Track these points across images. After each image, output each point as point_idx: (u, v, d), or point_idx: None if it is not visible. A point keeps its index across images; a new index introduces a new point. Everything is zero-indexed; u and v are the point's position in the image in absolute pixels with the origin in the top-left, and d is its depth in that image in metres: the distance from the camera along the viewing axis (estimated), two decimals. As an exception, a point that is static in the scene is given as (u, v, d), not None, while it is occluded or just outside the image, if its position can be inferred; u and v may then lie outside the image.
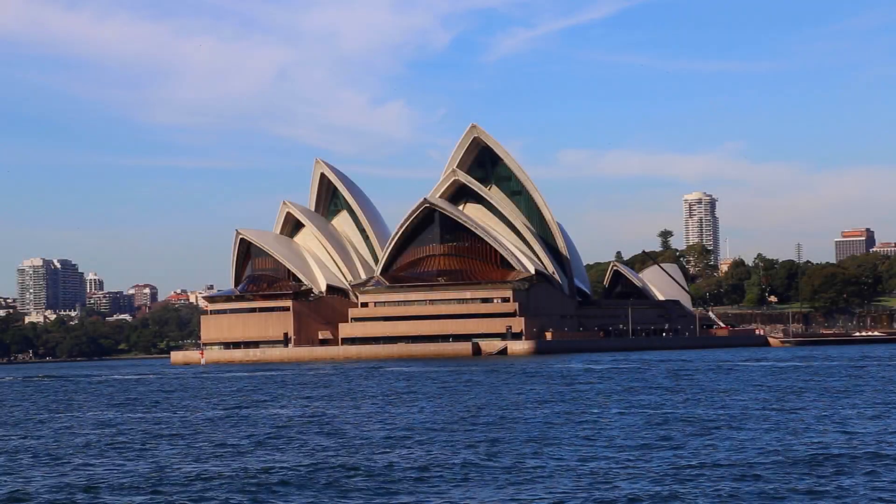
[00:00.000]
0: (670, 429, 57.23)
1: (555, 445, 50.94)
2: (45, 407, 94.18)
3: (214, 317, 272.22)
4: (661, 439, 52.42)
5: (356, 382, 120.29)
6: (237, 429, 64.76)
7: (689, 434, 54.51)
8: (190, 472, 44.73)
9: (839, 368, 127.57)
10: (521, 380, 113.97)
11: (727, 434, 54.15)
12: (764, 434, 53.98)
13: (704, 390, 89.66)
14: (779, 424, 58.66)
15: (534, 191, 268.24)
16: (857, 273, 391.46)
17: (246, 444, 55.57)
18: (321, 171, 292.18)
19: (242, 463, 47.60)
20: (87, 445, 57.26)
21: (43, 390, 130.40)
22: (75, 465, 48.99)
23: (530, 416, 67.47)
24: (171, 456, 51.00)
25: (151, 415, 79.55)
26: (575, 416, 67.02)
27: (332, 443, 54.77)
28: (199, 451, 52.89)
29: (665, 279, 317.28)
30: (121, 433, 64.13)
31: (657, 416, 65.47)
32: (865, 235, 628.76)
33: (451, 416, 69.47)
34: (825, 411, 66.37)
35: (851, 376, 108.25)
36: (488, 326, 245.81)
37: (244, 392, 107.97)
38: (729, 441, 51.15)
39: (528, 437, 54.25)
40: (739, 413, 66.28)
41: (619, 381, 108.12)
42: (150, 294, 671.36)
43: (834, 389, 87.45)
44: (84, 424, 71.90)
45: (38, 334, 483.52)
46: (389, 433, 59.04)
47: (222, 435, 60.96)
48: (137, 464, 48.40)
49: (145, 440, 59.25)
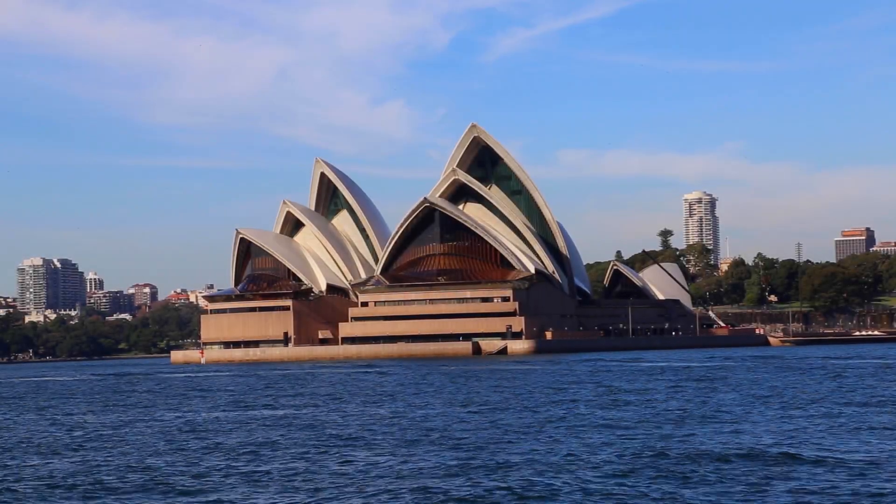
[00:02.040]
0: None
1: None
2: (174, 405, 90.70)
3: (214, 316, 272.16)
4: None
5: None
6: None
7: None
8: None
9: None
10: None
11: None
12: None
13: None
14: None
15: (534, 190, 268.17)
16: (857, 273, 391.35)
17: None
18: (321, 171, 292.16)
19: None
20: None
21: (133, 388, 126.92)
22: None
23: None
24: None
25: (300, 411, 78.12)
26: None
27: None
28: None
29: (665, 279, 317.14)
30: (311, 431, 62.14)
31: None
32: (865, 235, 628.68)
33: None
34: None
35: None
36: (488, 326, 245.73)
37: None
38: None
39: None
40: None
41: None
42: (150, 294, 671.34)
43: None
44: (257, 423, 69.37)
45: (38, 334, 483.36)
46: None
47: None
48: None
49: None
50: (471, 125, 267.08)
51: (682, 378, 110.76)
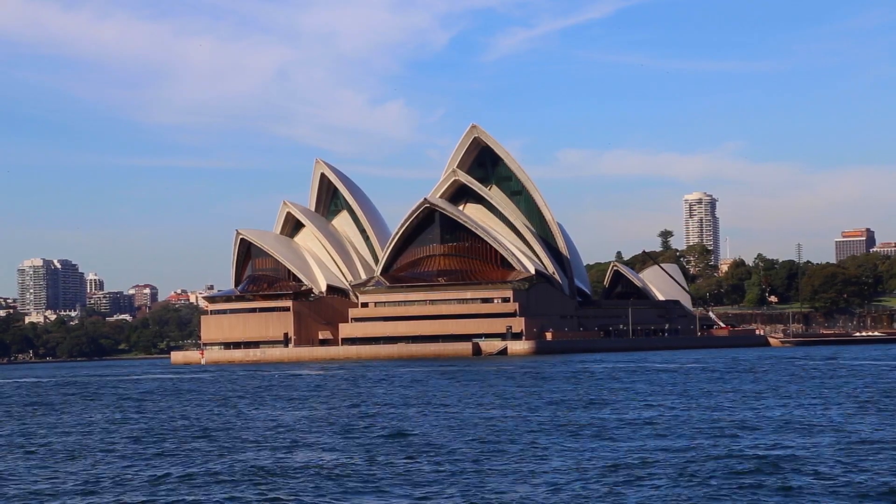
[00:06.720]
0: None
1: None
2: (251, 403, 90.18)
3: (215, 317, 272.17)
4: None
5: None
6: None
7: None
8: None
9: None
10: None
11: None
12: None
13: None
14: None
15: (534, 191, 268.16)
16: (857, 273, 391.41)
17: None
18: (321, 171, 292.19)
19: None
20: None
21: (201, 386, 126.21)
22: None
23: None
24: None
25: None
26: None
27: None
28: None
29: (665, 279, 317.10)
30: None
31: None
32: (865, 235, 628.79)
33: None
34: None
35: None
36: (488, 326, 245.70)
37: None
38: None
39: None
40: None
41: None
42: (150, 294, 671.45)
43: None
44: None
45: (39, 334, 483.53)
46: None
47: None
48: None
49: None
50: (471, 126, 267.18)
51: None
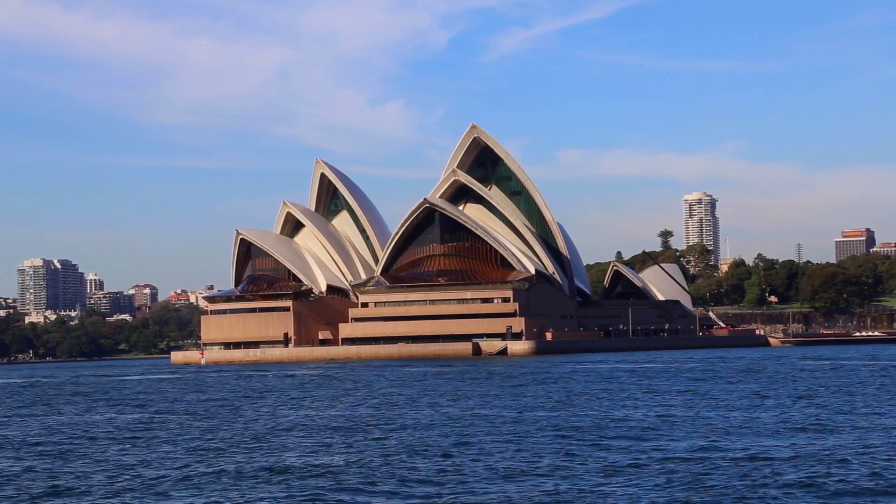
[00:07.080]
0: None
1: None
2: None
3: (215, 317, 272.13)
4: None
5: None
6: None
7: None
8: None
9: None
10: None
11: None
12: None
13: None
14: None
15: (534, 191, 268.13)
16: (857, 273, 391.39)
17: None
18: (321, 171, 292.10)
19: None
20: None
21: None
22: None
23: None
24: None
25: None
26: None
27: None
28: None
29: (665, 279, 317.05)
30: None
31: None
32: (865, 235, 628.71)
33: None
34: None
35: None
36: (488, 326, 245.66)
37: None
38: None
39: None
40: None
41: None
42: (150, 294, 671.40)
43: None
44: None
45: (39, 334, 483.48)
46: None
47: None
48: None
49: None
50: (471, 126, 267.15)
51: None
